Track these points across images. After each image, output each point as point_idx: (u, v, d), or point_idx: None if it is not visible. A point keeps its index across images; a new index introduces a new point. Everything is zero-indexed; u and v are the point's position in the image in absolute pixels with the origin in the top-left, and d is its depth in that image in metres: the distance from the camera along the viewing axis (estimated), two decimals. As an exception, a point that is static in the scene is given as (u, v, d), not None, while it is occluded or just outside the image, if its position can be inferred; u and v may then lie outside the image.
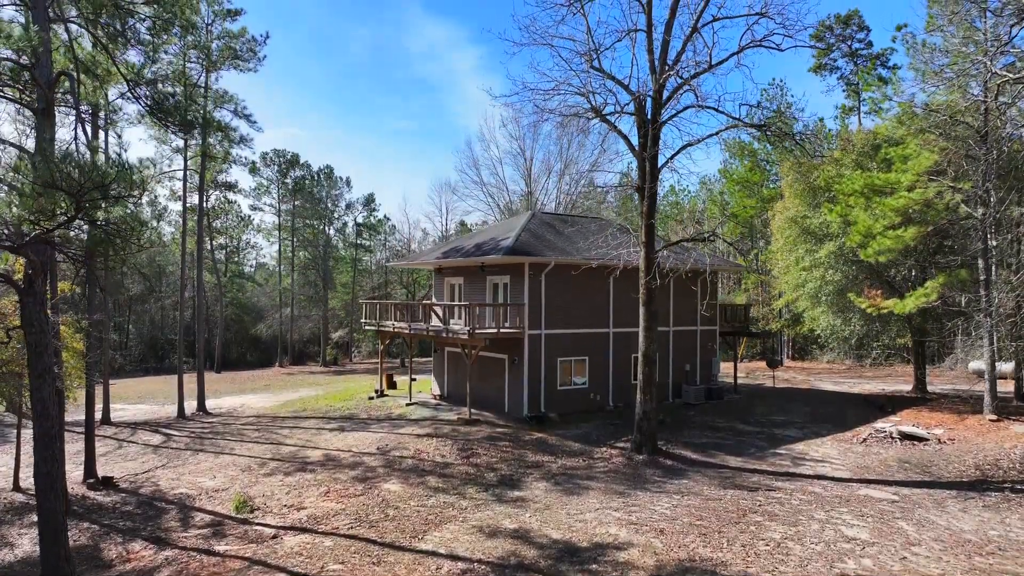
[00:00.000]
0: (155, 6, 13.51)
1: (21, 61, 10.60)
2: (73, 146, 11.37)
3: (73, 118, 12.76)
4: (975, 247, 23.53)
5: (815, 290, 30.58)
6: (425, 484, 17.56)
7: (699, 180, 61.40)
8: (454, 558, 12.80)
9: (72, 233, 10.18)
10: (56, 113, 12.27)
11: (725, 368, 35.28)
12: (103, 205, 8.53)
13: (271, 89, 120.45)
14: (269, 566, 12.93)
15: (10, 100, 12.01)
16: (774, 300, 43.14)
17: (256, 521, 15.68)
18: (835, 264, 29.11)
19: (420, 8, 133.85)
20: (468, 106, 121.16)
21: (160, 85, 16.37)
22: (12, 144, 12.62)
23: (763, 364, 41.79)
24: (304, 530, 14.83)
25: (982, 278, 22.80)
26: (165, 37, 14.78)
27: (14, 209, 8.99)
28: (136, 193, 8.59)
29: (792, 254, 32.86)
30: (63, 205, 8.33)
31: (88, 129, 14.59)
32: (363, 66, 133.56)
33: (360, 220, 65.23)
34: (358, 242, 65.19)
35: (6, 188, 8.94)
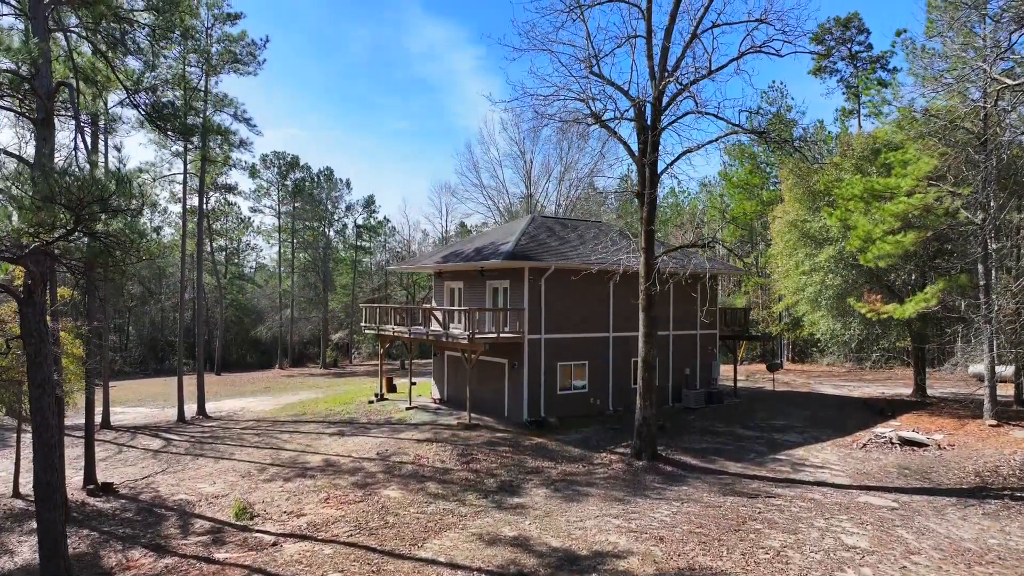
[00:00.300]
0: (154, 13, 13.52)
1: (21, 72, 10.60)
2: (72, 157, 11.36)
3: (72, 126, 12.77)
4: (975, 252, 23.53)
5: (815, 294, 30.59)
6: (425, 490, 17.56)
7: (699, 183, 61.50)
8: (453, 566, 12.80)
9: (72, 244, 10.18)
10: (56, 122, 12.28)
11: (725, 371, 35.28)
12: (103, 218, 8.55)
13: (271, 90, 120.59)
14: (269, 574, 12.93)
15: (9, 110, 12.01)
16: (774, 303, 43.14)
17: (256, 528, 15.68)
18: (835, 268, 29.12)
19: (420, 8, 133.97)
20: (468, 106, 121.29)
21: (160, 90, 16.37)
22: (11, 154, 12.61)
23: (763, 366, 41.81)
24: (304, 537, 14.82)
25: (982, 283, 22.81)
26: (164, 44, 14.78)
27: (14, 221, 8.99)
28: (135, 205, 8.60)
29: (792, 258, 32.87)
30: (63, 218, 8.34)
31: (88, 139, 14.62)
32: (363, 66, 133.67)
33: (360, 222, 65.30)
34: (358, 244, 65.23)
35: (6, 199, 8.94)
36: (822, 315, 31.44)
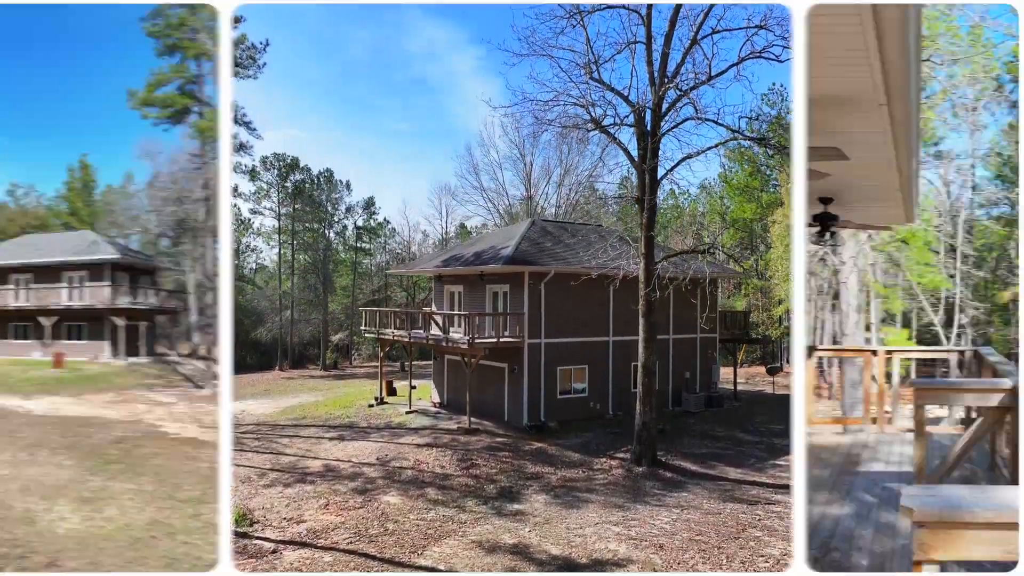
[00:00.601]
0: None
1: None
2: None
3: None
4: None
5: (815, 298, 30.59)
6: (424, 496, 17.55)
7: (699, 185, 61.46)
8: (453, 574, 12.80)
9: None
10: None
11: (725, 374, 35.25)
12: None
13: (271, 91, 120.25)
14: (268, 583, 12.92)
15: None
16: (774, 307, 43.14)
17: (255, 535, 15.66)
18: (835, 272, 29.11)
19: (419, 10, 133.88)
20: (468, 107, 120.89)
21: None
22: None
23: (763, 369, 41.77)
24: (304, 544, 14.80)
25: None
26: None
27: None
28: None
29: (791, 261, 32.87)
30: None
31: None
32: (362, 68, 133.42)
33: (360, 223, 65.18)
34: (358, 245, 65.14)
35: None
36: (822, 319, 31.43)
